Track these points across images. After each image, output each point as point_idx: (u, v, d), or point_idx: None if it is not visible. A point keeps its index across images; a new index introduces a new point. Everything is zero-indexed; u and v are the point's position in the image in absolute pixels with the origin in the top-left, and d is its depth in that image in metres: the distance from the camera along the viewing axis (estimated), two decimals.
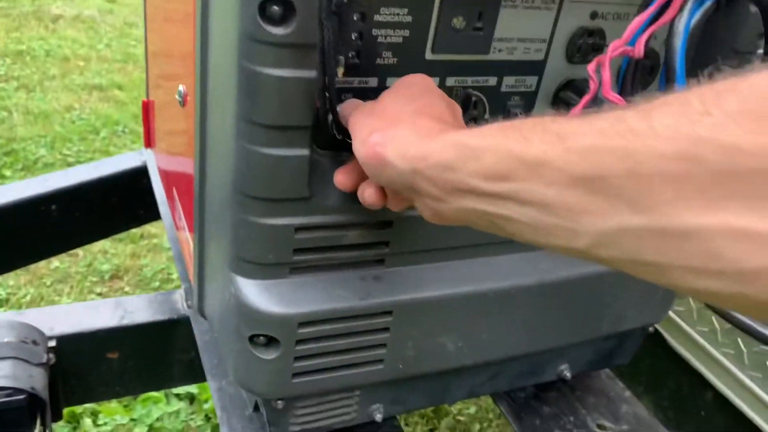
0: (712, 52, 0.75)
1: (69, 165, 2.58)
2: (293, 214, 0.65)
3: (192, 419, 1.62)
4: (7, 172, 2.47)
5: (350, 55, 0.62)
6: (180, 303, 1.07)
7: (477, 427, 1.66)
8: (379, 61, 0.64)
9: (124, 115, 3.00)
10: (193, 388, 1.66)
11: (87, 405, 1.57)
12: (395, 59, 0.65)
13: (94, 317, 1.01)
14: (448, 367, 0.79)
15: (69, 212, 1.31)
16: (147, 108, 1.14)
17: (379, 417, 0.81)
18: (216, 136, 0.66)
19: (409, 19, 0.63)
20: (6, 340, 0.87)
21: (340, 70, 0.63)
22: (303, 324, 0.68)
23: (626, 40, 0.52)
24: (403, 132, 0.50)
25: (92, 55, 3.60)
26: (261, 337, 0.68)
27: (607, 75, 0.52)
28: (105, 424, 1.56)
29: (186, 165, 0.79)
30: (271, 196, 0.63)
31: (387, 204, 0.58)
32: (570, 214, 0.36)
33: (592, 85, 0.55)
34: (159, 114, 1.07)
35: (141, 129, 2.85)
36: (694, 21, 0.53)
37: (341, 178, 0.61)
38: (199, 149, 0.70)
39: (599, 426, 0.93)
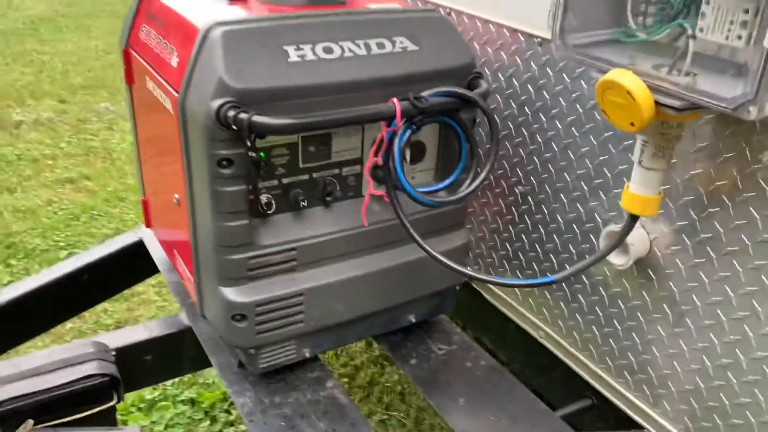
0: (453, 146, 1.47)
1: (61, 249, 3.19)
2: (245, 252, 1.32)
3: (195, 415, 2.25)
4: (13, 261, 3.06)
5: (260, 172, 1.31)
6: (184, 320, 1.72)
7: (399, 388, 2.34)
8: (276, 172, 1.33)
9: (97, 202, 3.61)
10: (192, 393, 2.29)
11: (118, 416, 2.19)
12: (284, 170, 1.34)
13: (135, 335, 1.66)
14: (340, 320, 1.47)
15: (96, 278, 1.95)
16: (146, 204, 1.79)
17: (308, 355, 1.49)
18: (201, 219, 1.34)
19: (287, 151, 1.33)
20: (90, 350, 1.52)
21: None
22: (258, 305, 1.35)
23: (371, 161, 1.23)
24: None
25: (57, 153, 4.20)
26: (238, 316, 1.35)
27: (370, 184, 1.23)
28: None
29: (183, 235, 1.46)
30: (232, 244, 1.31)
31: None
32: None
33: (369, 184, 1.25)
34: (157, 208, 1.73)
35: (113, 210, 3.50)
36: (403, 141, 1.24)
37: None
38: (192, 226, 1.37)
39: (439, 348, 1.62)
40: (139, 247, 2.04)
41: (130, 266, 2.05)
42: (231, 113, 1.16)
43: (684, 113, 1.00)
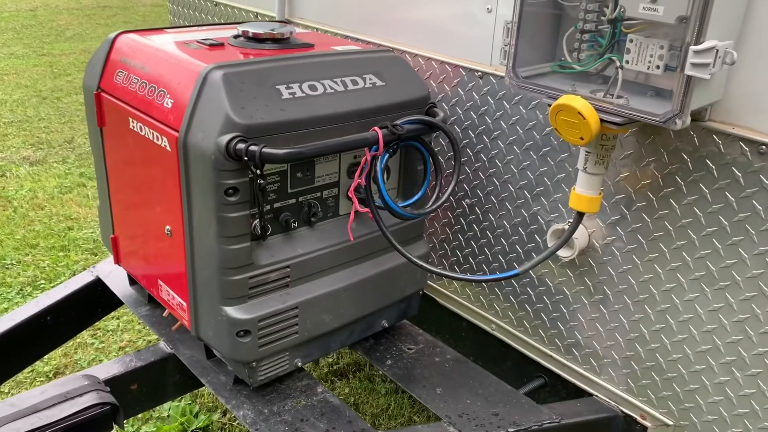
0: (413, 167, 1.68)
1: None
2: (246, 272, 1.45)
3: None
4: None
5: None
6: (164, 348, 1.79)
7: (352, 399, 2.49)
8: (270, 197, 1.48)
9: (7, 251, 3.48)
10: (151, 428, 2.32)
11: None
12: (276, 195, 1.49)
13: (119, 367, 1.72)
14: (329, 329, 1.62)
15: (60, 319, 1.96)
16: (116, 241, 1.85)
17: (299, 364, 1.62)
18: (202, 245, 1.45)
19: (278, 178, 1.48)
20: (85, 383, 1.57)
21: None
22: (260, 320, 1.48)
23: (355, 182, 1.42)
24: None
25: None
26: (241, 332, 1.47)
27: (356, 203, 1.41)
28: None
29: (175, 263, 1.56)
30: (235, 265, 1.43)
31: None
32: None
33: (354, 203, 1.43)
34: (133, 243, 1.79)
35: (26, 258, 3.40)
36: (383, 163, 1.44)
37: None
38: (189, 253, 1.48)
39: (407, 348, 1.81)
40: (96, 286, 2.07)
41: (90, 305, 2.08)
42: (241, 146, 1.30)
43: (622, 127, 1.28)
